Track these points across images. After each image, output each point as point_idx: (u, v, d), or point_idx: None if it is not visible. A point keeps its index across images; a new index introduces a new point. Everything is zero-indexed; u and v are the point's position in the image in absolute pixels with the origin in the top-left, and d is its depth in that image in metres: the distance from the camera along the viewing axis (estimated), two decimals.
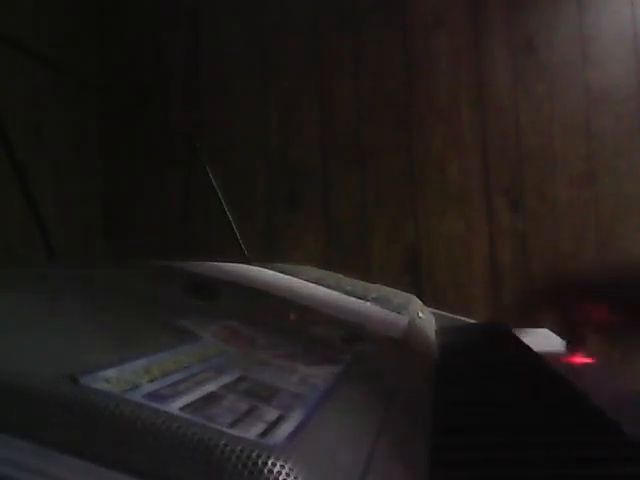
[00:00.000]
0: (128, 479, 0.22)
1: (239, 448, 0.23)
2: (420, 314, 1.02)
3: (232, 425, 0.25)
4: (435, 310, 1.23)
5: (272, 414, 0.28)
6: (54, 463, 0.22)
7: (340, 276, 1.14)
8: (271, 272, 0.90)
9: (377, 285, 1.18)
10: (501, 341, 1.00)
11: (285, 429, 0.27)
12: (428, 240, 1.97)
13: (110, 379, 0.26)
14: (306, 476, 0.23)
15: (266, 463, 0.22)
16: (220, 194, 1.36)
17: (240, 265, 0.93)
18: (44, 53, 1.65)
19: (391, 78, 2.01)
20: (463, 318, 1.26)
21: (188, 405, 0.26)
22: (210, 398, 0.28)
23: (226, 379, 0.32)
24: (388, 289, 1.13)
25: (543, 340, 1.02)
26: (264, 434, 0.25)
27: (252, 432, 0.25)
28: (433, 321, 1.11)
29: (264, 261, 1.11)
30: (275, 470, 0.22)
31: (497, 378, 0.69)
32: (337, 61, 2.03)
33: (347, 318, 0.72)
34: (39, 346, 0.30)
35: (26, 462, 0.22)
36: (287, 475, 0.22)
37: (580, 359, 0.58)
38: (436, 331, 1.04)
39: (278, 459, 0.23)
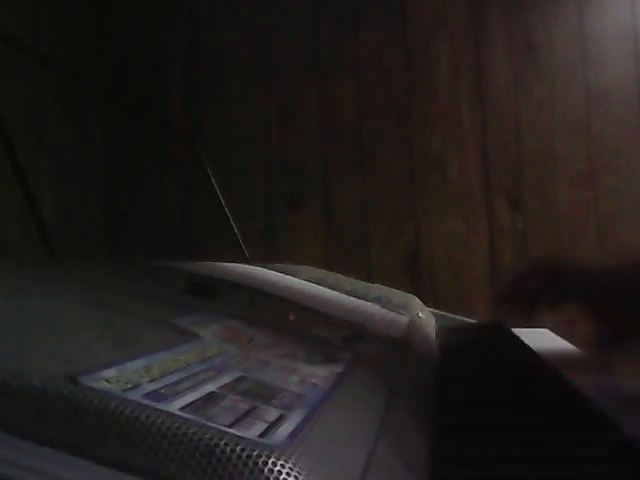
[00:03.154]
0: (128, 478, 0.22)
1: (239, 448, 0.23)
2: (420, 314, 1.02)
3: (232, 425, 0.25)
4: (435, 310, 1.23)
5: (272, 414, 0.28)
6: (54, 463, 0.22)
7: (340, 276, 1.14)
8: (271, 272, 0.90)
9: (377, 285, 1.17)
10: (501, 341, 1.00)
11: (285, 429, 0.27)
12: (428, 240, 1.97)
13: (110, 379, 0.26)
14: (306, 476, 0.23)
15: (266, 463, 0.22)
16: (220, 194, 1.36)
17: (240, 265, 0.93)
18: (44, 53, 1.65)
19: (391, 78, 2.01)
20: (463, 318, 1.26)
21: (188, 405, 0.26)
22: (210, 398, 0.28)
23: (226, 379, 0.32)
24: (388, 289, 1.13)
25: (543, 340, 1.02)
26: (264, 434, 0.25)
27: (252, 432, 0.25)
28: (433, 321, 1.11)
29: (264, 261, 1.11)
30: (275, 469, 0.22)
31: (497, 378, 0.69)
32: (337, 61, 2.03)
33: (347, 318, 0.72)
34: (39, 346, 0.30)
35: (26, 462, 0.22)
36: (287, 475, 0.22)
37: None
38: (436, 331, 1.04)
39: (278, 459, 0.23)
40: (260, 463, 0.22)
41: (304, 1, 2.05)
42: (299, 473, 0.23)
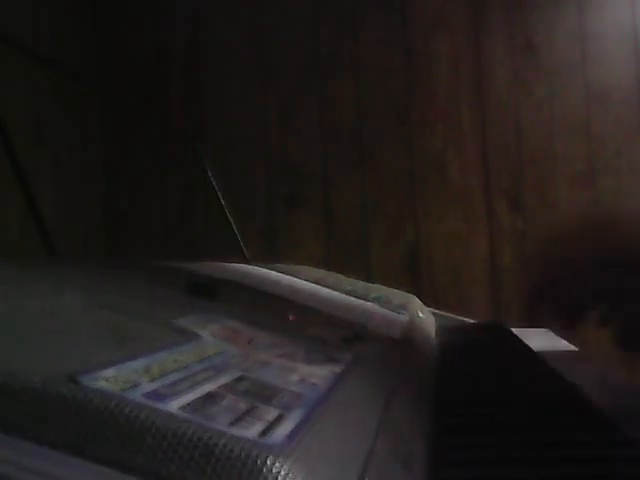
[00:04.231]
0: (127, 478, 0.22)
1: (238, 447, 0.23)
2: (420, 314, 1.02)
3: (232, 424, 0.25)
4: (435, 310, 1.23)
5: (272, 413, 0.28)
6: (53, 463, 0.22)
7: (340, 276, 1.14)
8: (271, 272, 0.90)
9: (377, 285, 1.17)
10: (501, 341, 1.00)
11: (285, 428, 0.27)
12: (428, 240, 1.97)
13: (110, 378, 0.26)
14: (305, 476, 0.23)
15: (265, 462, 0.22)
16: (220, 194, 1.36)
17: (240, 265, 0.93)
18: (44, 53, 1.65)
19: (391, 78, 2.01)
20: (463, 318, 1.26)
21: (188, 404, 0.26)
22: (210, 397, 0.28)
23: (226, 378, 0.32)
24: (388, 289, 1.13)
25: (543, 340, 1.02)
26: (264, 433, 0.25)
27: (251, 431, 0.25)
28: (433, 321, 1.11)
29: (264, 261, 1.11)
30: (274, 469, 0.22)
31: (497, 378, 0.69)
32: (337, 61, 2.03)
33: (347, 318, 0.72)
34: (39, 346, 0.30)
35: (25, 462, 0.22)
36: (286, 474, 0.22)
37: None
38: (436, 331, 1.04)
39: (277, 458, 0.23)
40: (259, 463, 0.22)
41: (304, 1, 2.05)
42: (298, 473, 0.23)
